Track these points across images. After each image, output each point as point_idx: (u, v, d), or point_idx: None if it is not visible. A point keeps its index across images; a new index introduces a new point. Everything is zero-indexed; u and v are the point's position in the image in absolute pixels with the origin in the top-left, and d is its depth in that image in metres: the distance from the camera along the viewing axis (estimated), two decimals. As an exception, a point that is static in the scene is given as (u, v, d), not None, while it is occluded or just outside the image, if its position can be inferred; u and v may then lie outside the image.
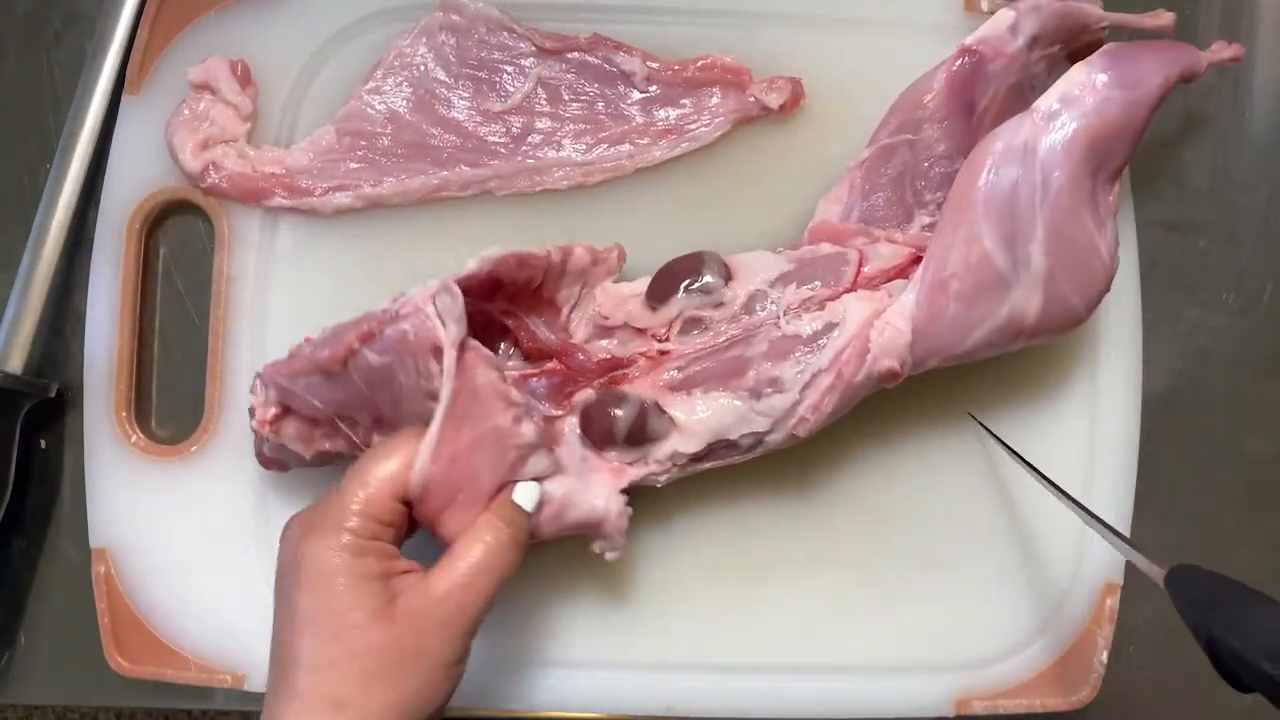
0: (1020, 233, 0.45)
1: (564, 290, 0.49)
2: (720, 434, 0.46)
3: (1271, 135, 0.56)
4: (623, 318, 0.48)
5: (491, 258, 0.44)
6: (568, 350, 0.48)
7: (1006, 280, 0.45)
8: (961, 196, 0.45)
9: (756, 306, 0.47)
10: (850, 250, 0.48)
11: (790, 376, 0.45)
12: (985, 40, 0.47)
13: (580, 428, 0.47)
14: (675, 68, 0.53)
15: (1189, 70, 0.47)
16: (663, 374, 0.47)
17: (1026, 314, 0.46)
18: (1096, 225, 0.46)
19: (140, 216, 0.52)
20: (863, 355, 0.45)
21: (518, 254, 0.45)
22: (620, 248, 0.50)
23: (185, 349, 0.54)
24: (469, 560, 0.40)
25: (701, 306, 0.47)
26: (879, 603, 0.52)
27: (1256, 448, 0.56)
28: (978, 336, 0.46)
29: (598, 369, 0.47)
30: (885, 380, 0.46)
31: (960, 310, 0.45)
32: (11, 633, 0.54)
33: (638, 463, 0.47)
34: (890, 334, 0.45)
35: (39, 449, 0.55)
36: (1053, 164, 0.45)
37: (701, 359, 0.47)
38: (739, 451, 0.47)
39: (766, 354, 0.46)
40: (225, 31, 0.53)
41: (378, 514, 0.40)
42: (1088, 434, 0.53)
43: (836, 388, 0.45)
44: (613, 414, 0.46)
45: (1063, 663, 0.52)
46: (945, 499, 0.53)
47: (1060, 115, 0.45)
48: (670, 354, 0.47)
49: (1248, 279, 0.56)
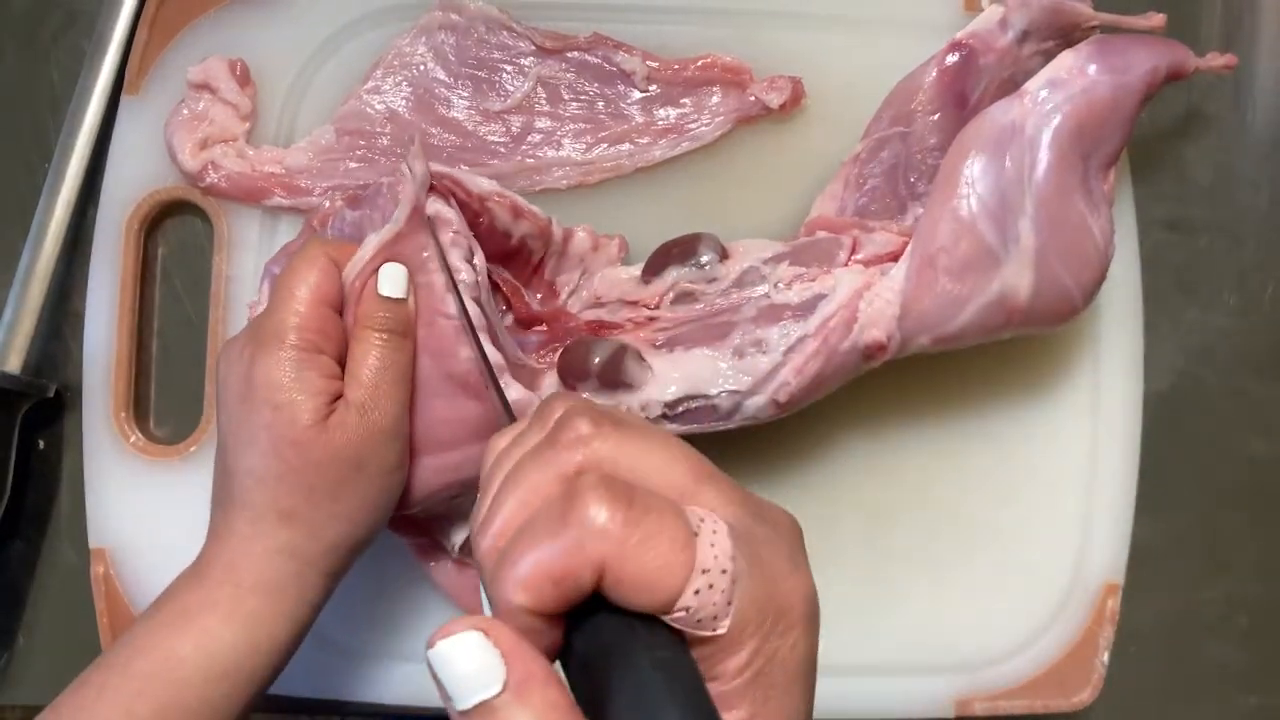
0: (1009, 208, 0.45)
1: (564, 274, 0.50)
2: (698, 388, 0.45)
3: (1273, 134, 0.56)
4: (616, 295, 0.48)
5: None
6: (557, 316, 0.48)
7: (996, 256, 0.45)
8: (950, 172, 0.45)
9: (748, 281, 0.47)
10: (844, 237, 0.48)
11: (775, 339, 0.45)
12: (976, 35, 0.48)
13: (557, 367, 0.46)
14: (675, 67, 0.53)
15: (1177, 65, 0.47)
16: (648, 333, 0.47)
17: (1018, 293, 0.45)
18: (1089, 209, 0.46)
19: (139, 216, 0.52)
20: (850, 324, 0.45)
21: (514, 202, 0.46)
22: (623, 239, 0.51)
23: (184, 349, 0.53)
24: (367, 366, 0.41)
25: (695, 281, 0.47)
26: (879, 603, 0.52)
27: (1257, 448, 0.56)
28: (968, 313, 0.46)
29: (585, 329, 0.47)
30: (872, 353, 0.46)
31: (949, 284, 0.45)
32: (11, 633, 0.54)
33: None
34: (879, 305, 0.45)
35: (38, 449, 0.55)
36: (1041, 142, 0.45)
37: (688, 323, 0.47)
38: (718, 416, 0.46)
39: (754, 319, 0.46)
40: (224, 31, 0.53)
41: (311, 323, 0.40)
42: (1088, 434, 0.53)
43: (821, 353, 0.45)
44: (589, 350, 0.45)
45: (1063, 663, 0.52)
46: (946, 499, 0.52)
47: (1048, 97, 0.45)
48: (658, 319, 0.47)
49: (1249, 278, 0.56)
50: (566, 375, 0.46)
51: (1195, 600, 0.55)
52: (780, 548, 0.29)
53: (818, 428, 0.52)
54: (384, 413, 0.41)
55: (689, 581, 0.26)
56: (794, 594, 0.29)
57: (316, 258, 0.42)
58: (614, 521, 0.26)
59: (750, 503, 0.30)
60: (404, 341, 0.42)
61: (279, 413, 0.39)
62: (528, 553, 0.27)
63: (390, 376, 0.41)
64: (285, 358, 0.40)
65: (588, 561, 0.26)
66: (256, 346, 0.40)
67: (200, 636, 0.39)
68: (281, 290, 0.41)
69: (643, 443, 0.29)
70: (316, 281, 0.41)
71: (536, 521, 0.27)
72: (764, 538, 0.29)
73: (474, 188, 0.45)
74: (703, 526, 0.27)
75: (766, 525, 0.30)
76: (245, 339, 0.41)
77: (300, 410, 0.39)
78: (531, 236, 0.48)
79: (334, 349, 0.41)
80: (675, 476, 0.29)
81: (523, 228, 0.47)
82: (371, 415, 0.40)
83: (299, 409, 0.39)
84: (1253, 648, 0.55)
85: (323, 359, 0.41)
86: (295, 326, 0.40)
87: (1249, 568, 0.55)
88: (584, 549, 0.26)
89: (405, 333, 0.42)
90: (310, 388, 0.40)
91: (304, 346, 0.40)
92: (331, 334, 0.41)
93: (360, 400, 0.40)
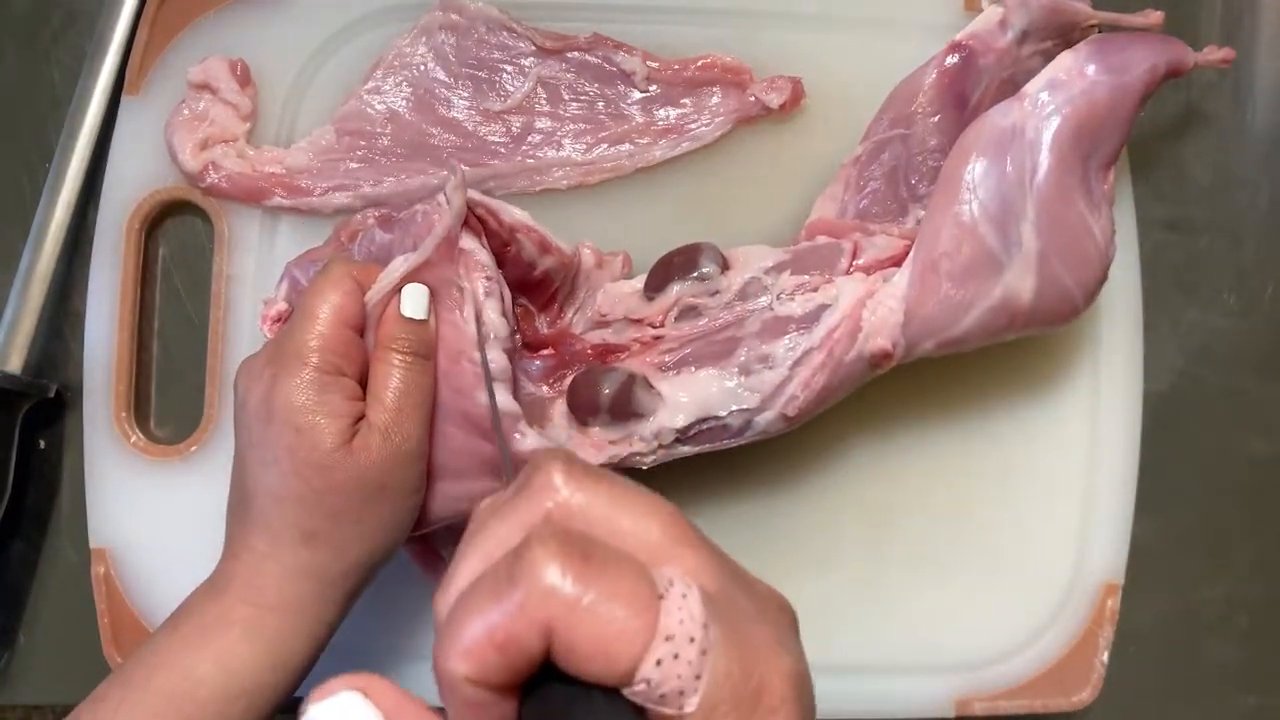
0: (1011, 212, 0.45)
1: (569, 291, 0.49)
2: (708, 409, 0.45)
3: (1273, 134, 0.56)
4: (621, 312, 0.48)
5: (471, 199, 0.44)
6: (562, 338, 0.48)
7: (999, 260, 0.45)
8: (951, 177, 0.46)
9: (751, 292, 0.47)
10: (845, 242, 0.48)
11: (781, 354, 0.45)
12: (975, 35, 0.48)
13: (567, 400, 0.46)
14: (675, 67, 0.53)
15: (1175, 62, 0.47)
16: (654, 356, 0.47)
17: (1021, 296, 0.45)
18: (1090, 209, 0.46)
19: (140, 216, 0.52)
20: (854, 334, 0.45)
21: (543, 237, 0.46)
22: (626, 255, 0.50)
23: (185, 349, 0.54)
24: (390, 388, 0.41)
25: (698, 295, 0.47)
26: (879, 603, 0.52)
27: (1257, 448, 0.56)
28: (972, 318, 0.46)
29: (591, 354, 0.47)
30: (878, 361, 0.46)
31: (952, 289, 0.45)
32: (11, 633, 0.54)
33: (622, 441, 0.46)
34: (882, 313, 0.45)
35: (38, 449, 0.55)
36: (1041, 145, 0.45)
37: (694, 341, 0.47)
38: (729, 434, 0.46)
39: (759, 334, 0.46)
40: (225, 31, 0.53)
41: (334, 345, 0.40)
42: (1088, 434, 0.53)
43: (827, 365, 0.45)
44: (598, 382, 0.45)
45: (1063, 663, 0.52)
46: (945, 499, 0.52)
47: (1048, 99, 0.45)
48: (664, 338, 0.47)
49: (1249, 278, 0.56)
50: (576, 409, 0.46)
51: (1195, 600, 0.55)
52: (765, 626, 0.26)
53: (819, 430, 0.52)
54: (406, 435, 0.41)
55: (650, 649, 0.23)
56: (776, 673, 0.25)
57: (341, 279, 0.41)
58: (564, 578, 0.23)
59: (737, 574, 0.27)
60: (425, 364, 0.42)
61: (301, 435, 0.39)
62: (469, 616, 0.23)
63: (413, 400, 0.41)
64: (308, 379, 0.40)
65: (534, 625, 0.23)
66: (278, 367, 0.40)
67: (220, 654, 0.39)
68: (304, 310, 0.41)
69: (617, 496, 0.26)
70: (340, 303, 0.41)
71: (483, 580, 0.24)
72: (747, 612, 0.25)
73: (506, 217, 0.45)
74: (671, 590, 0.24)
75: (753, 600, 0.26)
76: (266, 358, 0.41)
77: (323, 434, 0.39)
78: (555, 271, 0.47)
79: (356, 370, 0.41)
80: (650, 535, 0.25)
81: (548, 262, 0.47)
82: (394, 438, 0.40)
83: (322, 432, 0.39)
84: (1252, 647, 0.55)
85: (345, 381, 0.40)
86: (318, 348, 0.40)
87: (1249, 567, 0.55)
88: (529, 610, 0.23)
89: (427, 355, 0.42)
90: (333, 410, 0.40)
91: (326, 369, 0.40)
92: (353, 356, 0.41)
93: (383, 423, 0.40)
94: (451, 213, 0.42)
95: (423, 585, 0.51)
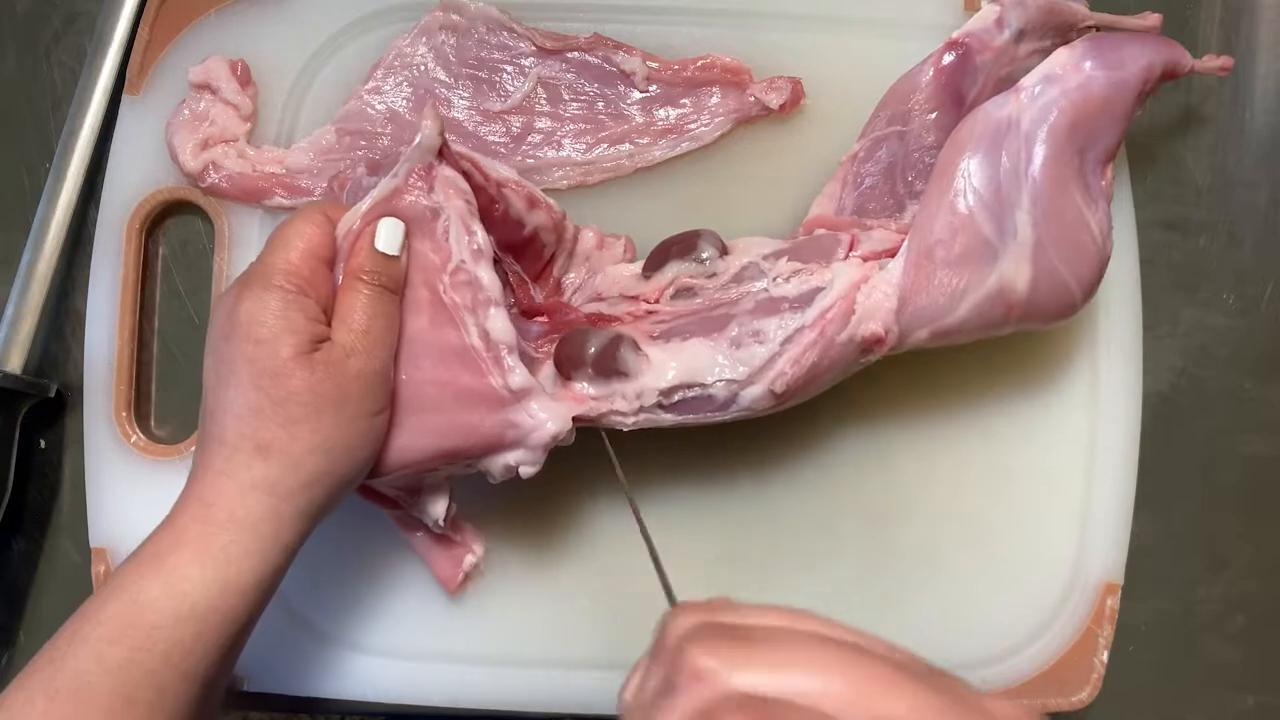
0: (1006, 201, 0.45)
1: (571, 273, 0.50)
2: (694, 375, 0.45)
3: (1272, 134, 0.56)
4: (618, 290, 0.49)
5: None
6: (557, 308, 0.48)
7: (994, 248, 0.45)
8: (947, 166, 0.46)
9: (748, 276, 0.47)
10: (843, 235, 0.48)
11: (773, 330, 0.45)
12: (972, 33, 0.48)
13: (554, 355, 0.46)
14: (675, 67, 0.53)
15: (1172, 63, 0.47)
16: (646, 325, 0.47)
17: (1017, 285, 0.46)
18: (1087, 203, 0.46)
19: (140, 216, 0.52)
20: (847, 315, 0.45)
21: (530, 192, 0.46)
22: (629, 239, 0.51)
23: (185, 349, 0.54)
24: (356, 311, 0.41)
25: (695, 275, 0.48)
26: (878, 602, 0.52)
27: (1255, 447, 0.56)
28: (967, 306, 0.46)
29: (584, 320, 0.48)
30: (870, 345, 0.46)
31: (947, 277, 0.45)
32: (11, 633, 0.54)
33: (604, 399, 0.46)
34: (877, 298, 0.45)
35: (39, 449, 0.55)
36: (1037, 137, 0.45)
37: (687, 316, 0.47)
38: (714, 406, 0.46)
39: (752, 311, 0.46)
40: (225, 31, 0.53)
41: (300, 270, 0.41)
42: (1088, 434, 0.53)
43: (818, 344, 0.45)
44: (585, 338, 0.45)
45: (1063, 663, 0.52)
46: (945, 499, 0.53)
47: (1044, 92, 0.45)
48: (657, 312, 0.47)
49: (1248, 279, 0.56)
50: (563, 364, 0.46)
51: (1194, 599, 0.55)
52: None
53: (818, 427, 0.52)
54: (370, 356, 0.41)
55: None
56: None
57: (314, 213, 0.42)
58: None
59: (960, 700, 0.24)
60: (393, 297, 0.42)
61: (260, 346, 0.39)
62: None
63: (379, 325, 0.41)
64: (270, 297, 0.40)
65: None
66: (243, 286, 0.40)
67: (169, 576, 0.38)
68: (274, 238, 0.41)
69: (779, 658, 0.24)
70: (310, 233, 0.41)
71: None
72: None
73: (491, 172, 0.45)
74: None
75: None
76: (234, 284, 0.41)
77: (282, 344, 0.39)
78: (545, 229, 0.48)
79: (321, 298, 0.41)
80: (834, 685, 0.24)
81: (537, 218, 0.47)
82: (357, 357, 0.41)
83: (280, 343, 0.39)
84: (1251, 647, 0.55)
85: (308, 302, 0.41)
86: (283, 270, 0.40)
87: (1247, 567, 0.55)
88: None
89: (395, 289, 0.42)
90: (293, 325, 0.40)
91: (289, 289, 0.40)
92: (320, 284, 0.41)
93: (347, 342, 0.41)
94: (424, 138, 0.42)
95: (423, 582, 0.51)
